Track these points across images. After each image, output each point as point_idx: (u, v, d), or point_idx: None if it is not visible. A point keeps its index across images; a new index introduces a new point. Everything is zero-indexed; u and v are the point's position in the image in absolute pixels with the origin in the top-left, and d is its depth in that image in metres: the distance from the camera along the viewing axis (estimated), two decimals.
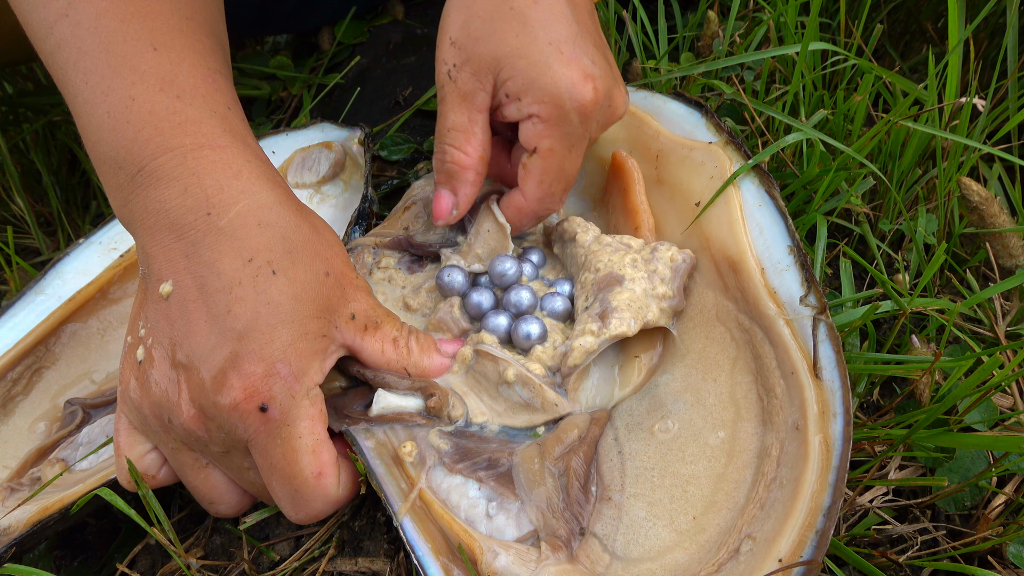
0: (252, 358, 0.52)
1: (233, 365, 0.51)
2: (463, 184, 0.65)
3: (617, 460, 0.60)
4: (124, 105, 0.56)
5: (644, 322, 0.63)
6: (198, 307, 0.52)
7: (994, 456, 0.62)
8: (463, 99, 0.63)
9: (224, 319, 0.52)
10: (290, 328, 0.53)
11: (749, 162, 0.66)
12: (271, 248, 0.54)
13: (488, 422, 0.62)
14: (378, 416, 0.61)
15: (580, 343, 0.62)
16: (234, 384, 0.51)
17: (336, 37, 1.14)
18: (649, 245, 0.67)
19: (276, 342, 0.52)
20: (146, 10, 0.59)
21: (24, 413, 0.73)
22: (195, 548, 0.66)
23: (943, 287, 0.77)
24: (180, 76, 0.58)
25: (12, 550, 0.61)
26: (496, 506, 0.57)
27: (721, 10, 1.04)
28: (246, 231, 0.54)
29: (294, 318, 0.53)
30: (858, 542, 0.61)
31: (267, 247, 0.54)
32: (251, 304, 0.52)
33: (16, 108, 1.12)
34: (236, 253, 0.53)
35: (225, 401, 0.51)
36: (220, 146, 0.56)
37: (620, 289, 0.63)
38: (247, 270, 0.53)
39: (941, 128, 0.78)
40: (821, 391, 0.55)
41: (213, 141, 0.56)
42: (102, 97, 0.56)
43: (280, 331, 0.52)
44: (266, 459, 0.53)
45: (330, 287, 0.56)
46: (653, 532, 0.56)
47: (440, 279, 0.68)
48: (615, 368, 0.66)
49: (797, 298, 0.60)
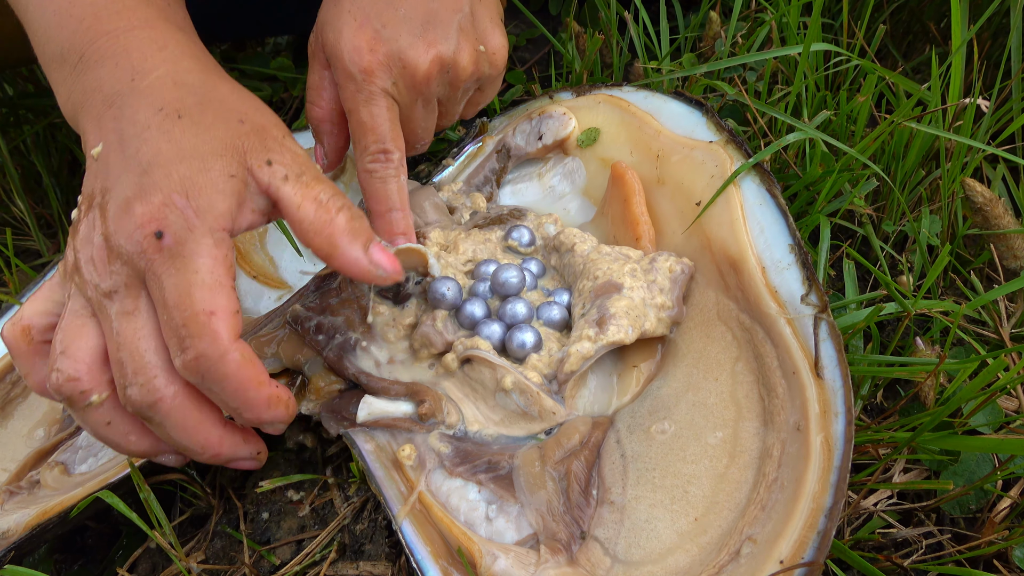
0: (152, 189, 0.53)
1: (137, 195, 0.53)
2: (324, 135, 0.72)
3: (620, 462, 0.60)
4: (68, 1, 0.61)
5: (642, 331, 0.62)
6: (116, 155, 0.56)
7: (999, 459, 0.62)
8: (313, 58, 0.71)
9: (133, 158, 0.55)
10: (189, 163, 0.54)
11: (750, 160, 0.66)
12: (183, 99, 0.57)
13: (483, 431, 0.61)
14: (365, 423, 0.61)
15: (577, 349, 0.61)
16: (135, 211, 0.53)
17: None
18: (648, 256, 0.67)
19: (174, 175, 0.54)
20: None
21: (23, 416, 0.72)
22: (196, 552, 0.66)
23: (947, 289, 0.77)
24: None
25: (11, 553, 0.61)
26: (496, 509, 0.57)
27: (723, 11, 1.04)
28: (163, 89, 0.57)
29: (195, 154, 0.55)
30: (862, 546, 0.61)
31: (179, 98, 0.57)
32: (155, 143, 0.55)
33: (16, 110, 1.12)
34: (150, 105, 0.56)
35: (126, 228, 0.53)
36: (150, 26, 0.61)
37: (618, 296, 0.62)
38: (156, 117, 0.56)
39: (945, 129, 0.77)
40: (823, 390, 0.55)
41: (144, 23, 0.61)
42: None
43: (179, 165, 0.54)
44: (159, 291, 0.52)
45: (244, 133, 0.57)
46: (654, 534, 0.55)
47: (433, 294, 0.66)
48: (613, 377, 0.65)
49: (798, 297, 0.59)
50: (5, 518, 0.63)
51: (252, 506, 0.67)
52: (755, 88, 0.89)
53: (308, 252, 0.82)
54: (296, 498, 0.67)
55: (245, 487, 0.69)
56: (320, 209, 0.56)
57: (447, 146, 0.95)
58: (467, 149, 0.83)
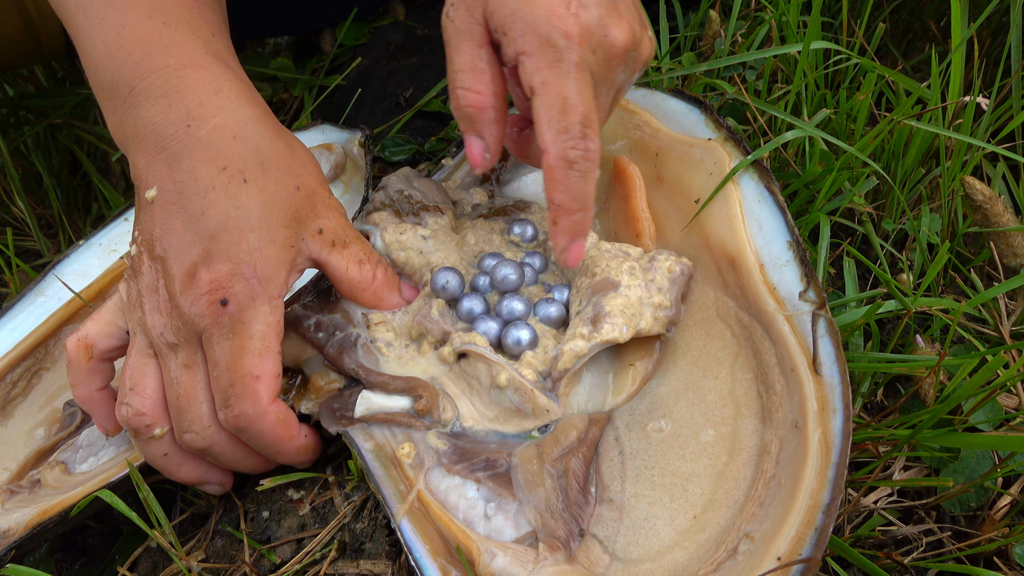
0: (220, 257, 0.56)
1: (203, 261, 0.56)
2: (486, 124, 0.61)
3: (618, 460, 0.60)
4: (116, 33, 0.61)
5: (637, 330, 0.62)
6: (176, 209, 0.57)
7: (999, 456, 0.62)
8: (462, 37, 0.60)
9: (198, 220, 0.57)
10: (258, 233, 0.57)
11: (748, 157, 0.66)
12: (244, 159, 0.58)
13: (477, 427, 0.61)
14: (363, 418, 0.61)
15: (570, 347, 0.61)
16: (202, 277, 0.56)
17: (337, 39, 1.14)
18: (648, 254, 0.66)
19: (243, 244, 0.56)
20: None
21: (24, 415, 0.73)
22: (196, 551, 0.66)
23: (947, 287, 0.77)
24: (167, 4, 0.63)
25: (12, 553, 0.61)
26: (494, 507, 0.57)
27: (723, 10, 1.04)
28: (222, 142, 0.58)
29: (262, 224, 0.57)
30: (863, 543, 0.61)
31: (241, 157, 0.58)
32: (223, 208, 0.57)
33: (17, 111, 1.12)
34: (212, 161, 0.58)
35: (192, 292, 0.56)
36: (202, 66, 0.61)
37: (614, 294, 0.62)
38: (221, 177, 0.57)
39: (944, 127, 0.77)
40: (820, 387, 0.55)
41: (195, 61, 0.61)
42: (97, 27, 0.62)
43: (248, 235, 0.57)
44: (213, 351, 0.56)
45: (300, 200, 0.60)
46: (653, 532, 0.55)
47: (434, 284, 0.66)
48: (609, 375, 0.65)
49: (796, 294, 0.59)
50: (6, 517, 0.63)
51: (252, 505, 0.67)
52: (755, 87, 0.89)
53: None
54: (296, 497, 0.67)
55: (245, 486, 0.69)
56: (362, 269, 0.64)
57: (446, 145, 0.95)
58: None
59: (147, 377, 0.59)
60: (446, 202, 0.74)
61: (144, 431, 0.59)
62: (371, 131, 0.87)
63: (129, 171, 0.67)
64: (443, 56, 1.09)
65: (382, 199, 0.73)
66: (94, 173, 1.04)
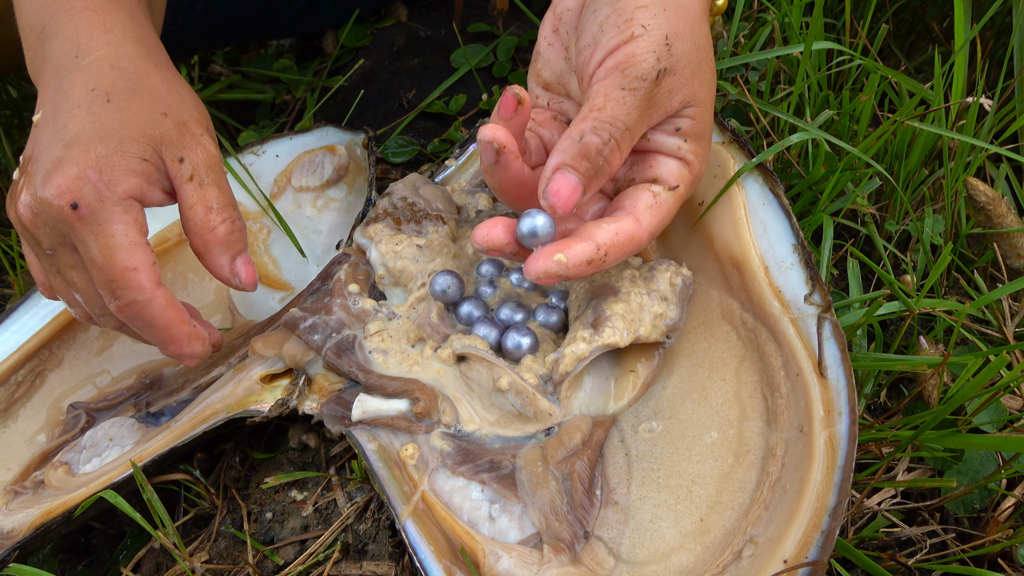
0: (70, 163, 0.59)
1: (56, 167, 0.59)
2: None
3: (624, 462, 0.60)
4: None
5: (636, 336, 0.62)
6: (48, 125, 0.62)
7: (1003, 458, 0.62)
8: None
9: (60, 132, 0.61)
10: (107, 144, 0.60)
11: (753, 160, 0.66)
12: (115, 83, 0.63)
13: (478, 431, 0.61)
14: (359, 421, 0.61)
15: (572, 350, 0.61)
16: (53, 182, 0.59)
17: (340, 40, 1.14)
18: (648, 263, 0.66)
19: (92, 152, 0.59)
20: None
21: (28, 416, 0.73)
22: (199, 552, 0.66)
23: (951, 288, 0.77)
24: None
25: (15, 553, 0.61)
26: (499, 508, 0.57)
27: (725, 11, 1.04)
28: (99, 70, 0.63)
29: (114, 136, 0.60)
30: (866, 545, 0.61)
31: (111, 82, 0.62)
32: (81, 121, 0.61)
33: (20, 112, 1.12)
34: (84, 84, 0.62)
35: (43, 195, 0.59)
36: (103, 9, 0.67)
37: (614, 299, 0.62)
38: (87, 96, 0.62)
39: (948, 128, 0.77)
40: (826, 390, 0.55)
41: (98, 5, 0.67)
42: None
43: (97, 144, 0.60)
44: (86, 253, 0.60)
45: (166, 126, 0.63)
46: (658, 534, 0.55)
47: (433, 288, 0.66)
48: (610, 380, 0.65)
49: (802, 297, 0.59)
50: (10, 518, 0.63)
51: (256, 506, 0.67)
52: (757, 88, 0.89)
53: (312, 255, 0.82)
54: (299, 498, 0.67)
55: (249, 487, 0.69)
56: (208, 214, 0.63)
57: (449, 146, 0.95)
58: (469, 149, 0.83)
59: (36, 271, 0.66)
60: (450, 211, 0.74)
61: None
62: (374, 133, 0.87)
63: None
64: (446, 57, 1.09)
65: (384, 206, 0.73)
66: None
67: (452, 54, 1.07)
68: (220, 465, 0.71)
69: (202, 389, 0.71)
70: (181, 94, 0.66)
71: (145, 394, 0.73)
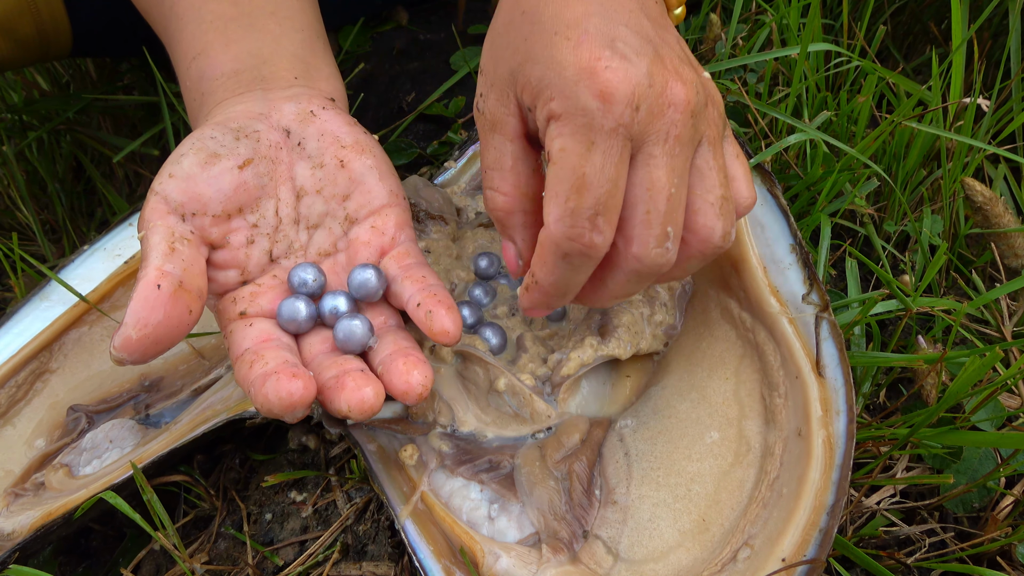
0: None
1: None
2: (516, 229, 0.56)
3: (623, 461, 0.60)
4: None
5: (637, 349, 0.63)
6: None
7: (1002, 456, 0.62)
8: (491, 130, 0.54)
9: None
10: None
11: (750, 162, 0.66)
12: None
13: (476, 431, 0.62)
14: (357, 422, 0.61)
15: (578, 354, 0.61)
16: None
17: (340, 45, 1.14)
18: None
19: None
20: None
21: (28, 418, 0.73)
22: (199, 553, 0.66)
23: (949, 288, 0.77)
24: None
25: (16, 555, 0.61)
26: (498, 508, 0.57)
27: (723, 13, 1.04)
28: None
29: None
30: (866, 543, 0.61)
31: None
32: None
33: (21, 115, 1.12)
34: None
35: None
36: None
37: (619, 309, 0.63)
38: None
39: (945, 129, 0.78)
40: (824, 389, 0.55)
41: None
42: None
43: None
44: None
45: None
46: (657, 533, 0.55)
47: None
48: (607, 384, 0.65)
49: (799, 296, 0.59)
50: (10, 519, 0.63)
51: (255, 507, 0.67)
52: (756, 89, 0.89)
53: None
54: (299, 499, 0.67)
55: (248, 488, 0.69)
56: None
57: (448, 148, 0.96)
58: (469, 151, 0.83)
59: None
60: (451, 213, 0.75)
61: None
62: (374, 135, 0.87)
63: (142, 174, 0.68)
64: (445, 60, 1.10)
65: None
66: (98, 178, 1.05)
67: (451, 56, 1.07)
68: (220, 467, 0.71)
69: (202, 391, 0.71)
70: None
71: (145, 396, 0.73)
